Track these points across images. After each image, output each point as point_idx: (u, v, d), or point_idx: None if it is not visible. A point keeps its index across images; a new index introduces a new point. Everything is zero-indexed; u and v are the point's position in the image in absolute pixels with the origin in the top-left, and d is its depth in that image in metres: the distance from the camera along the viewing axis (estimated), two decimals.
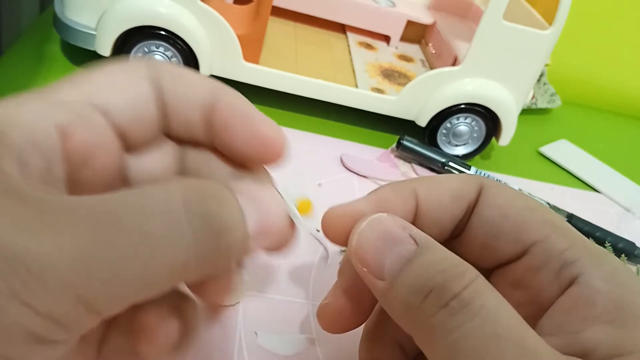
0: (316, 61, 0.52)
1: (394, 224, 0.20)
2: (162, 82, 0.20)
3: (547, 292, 0.20)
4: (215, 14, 0.44)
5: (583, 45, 0.74)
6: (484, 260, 0.22)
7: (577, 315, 0.19)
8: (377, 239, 0.19)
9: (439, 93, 0.49)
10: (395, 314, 0.19)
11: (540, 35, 0.47)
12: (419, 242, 0.19)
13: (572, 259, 0.20)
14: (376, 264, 0.19)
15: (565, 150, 0.60)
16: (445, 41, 0.56)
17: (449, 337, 0.17)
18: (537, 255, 0.21)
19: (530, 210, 0.22)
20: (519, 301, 0.21)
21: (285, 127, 0.48)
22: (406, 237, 0.19)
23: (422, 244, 0.19)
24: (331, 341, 0.31)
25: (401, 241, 0.19)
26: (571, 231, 0.21)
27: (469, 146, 0.51)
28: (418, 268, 0.18)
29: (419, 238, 0.19)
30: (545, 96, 0.67)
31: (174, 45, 0.44)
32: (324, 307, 0.24)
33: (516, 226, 0.21)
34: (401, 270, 0.18)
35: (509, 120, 0.50)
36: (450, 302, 0.17)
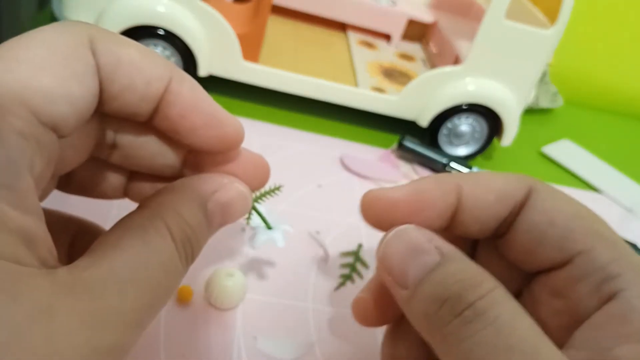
0: (316, 60, 0.52)
1: (420, 235, 0.20)
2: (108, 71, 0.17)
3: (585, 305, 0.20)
4: (214, 13, 0.44)
5: (585, 45, 0.74)
6: (526, 263, 0.22)
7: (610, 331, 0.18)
8: (403, 249, 0.20)
9: (440, 93, 0.48)
10: (415, 322, 0.19)
11: (543, 34, 0.47)
12: (444, 253, 0.19)
13: (614, 273, 0.19)
14: (400, 273, 0.19)
15: (567, 150, 0.60)
16: (447, 40, 0.55)
17: (461, 345, 0.17)
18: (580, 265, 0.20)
19: (579, 218, 0.21)
20: (556, 310, 0.20)
21: (285, 126, 0.48)
22: (431, 249, 0.19)
23: (446, 254, 0.19)
24: (331, 345, 0.30)
25: (426, 252, 0.19)
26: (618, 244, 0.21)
27: (471, 146, 0.51)
28: (438, 278, 0.19)
29: (444, 249, 0.19)
30: (547, 96, 0.67)
31: (172, 45, 0.44)
32: (358, 301, 0.24)
33: (562, 234, 0.21)
34: (423, 279, 0.19)
35: (510, 120, 0.49)
36: (465, 311, 0.17)
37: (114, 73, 0.17)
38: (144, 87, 0.18)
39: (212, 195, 0.20)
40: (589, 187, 0.55)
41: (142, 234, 0.17)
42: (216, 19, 0.44)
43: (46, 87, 0.16)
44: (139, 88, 0.18)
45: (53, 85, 0.16)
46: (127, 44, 0.18)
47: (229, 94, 0.50)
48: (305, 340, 0.30)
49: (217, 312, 0.30)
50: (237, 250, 0.34)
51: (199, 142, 0.20)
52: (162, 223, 0.18)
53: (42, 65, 0.16)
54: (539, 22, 0.48)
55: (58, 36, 0.17)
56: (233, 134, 0.20)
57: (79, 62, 0.16)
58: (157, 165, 0.21)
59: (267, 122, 0.48)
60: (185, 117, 0.19)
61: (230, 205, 0.20)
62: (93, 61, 0.17)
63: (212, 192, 0.20)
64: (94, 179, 0.22)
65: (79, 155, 0.20)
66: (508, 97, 0.49)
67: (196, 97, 0.19)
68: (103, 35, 0.18)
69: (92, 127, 0.20)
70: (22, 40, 0.16)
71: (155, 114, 0.19)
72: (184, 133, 0.20)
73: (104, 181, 0.22)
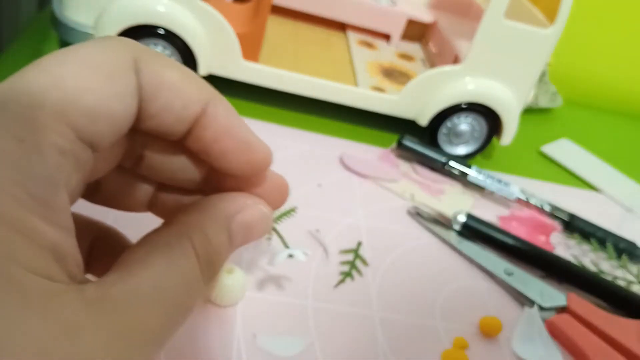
0: (316, 60, 0.52)
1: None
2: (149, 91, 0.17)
3: None
4: (214, 13, 0.44)
5: (585, 44, 0.74)
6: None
7: None
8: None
9: (439, 92, 0.48)
10: None
11: (542, 34, 0.47)
12: None
13: None
14: None
15: (566, 150, 0.60)
16: (446, 40, 0.55)
17: None
18: None
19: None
20: None
21: (285, 126, 0.48)
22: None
23: None
24: (331, 342, 0.30)
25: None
26: None
27: (470, 146, 0.51)
28: None
29: None
30: (546, 95, 0.67)
31: (172, 44, 0.44)
32: None
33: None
34: None
35: (510, 120, 0.49)
36: None
37: (154, 94, 0.17)
38: (181, 109, 0.18)
39: (235, 216, 0.20)
40: (588, 186, 0.55)
41: (168, 253, 0.17)
42: (216, 19, 0.44)
43: (88, 105, 0.16)
44: (176, 110, 0.18)
45: (95, 103, 0.16)
46: (170, 66, 0.18)
47: (228, 93, 0.50)
48: (304, 337, 0.30)
49: (217, 309, 0.30)
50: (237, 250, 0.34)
51: (227, 165, 0.20)
52: (189, 242, 0.18)
53: (86, 84, 0.16)
54: (538, 22, 0.48)
55: (103, 54, 0.17)
56: (262, 160, 0.20)
57: (121, 82, 0.17)
58: (180, 179, 0.21)
59: (267, 121, 0.48)
60: (218, 141, 0.19)
61: (252, 227, 0.20)
62: (135, 82, 0.17)
63: (236, 212, 0.20)
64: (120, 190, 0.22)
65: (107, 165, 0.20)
66: (507, 96, 0.49)
67: (230, 122, 0.19)
68: (147, 55, 0.18)
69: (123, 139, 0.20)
70: (68, 56, 0.16)
71: (188, 134, 0.19)
72: (214, 156, 0.20)
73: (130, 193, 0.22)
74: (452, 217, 0.42)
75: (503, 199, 0.47)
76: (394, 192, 0.44)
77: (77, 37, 0.44)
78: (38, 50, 0.48)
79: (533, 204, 0.47)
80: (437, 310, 0.35)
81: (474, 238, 0.42)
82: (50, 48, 0.49)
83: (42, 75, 0.16)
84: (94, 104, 0.16)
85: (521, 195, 0.47)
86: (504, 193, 0.47)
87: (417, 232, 0.41)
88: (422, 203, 0.44)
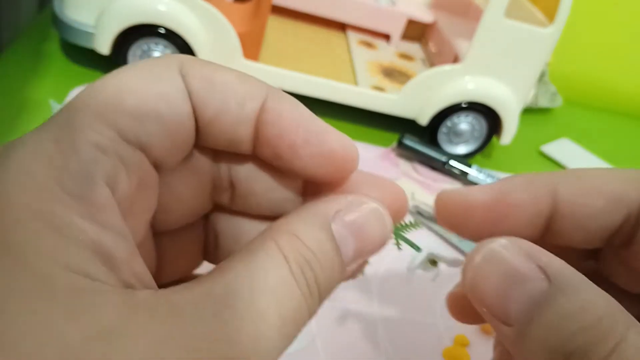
0: (316, 59, 0.52)
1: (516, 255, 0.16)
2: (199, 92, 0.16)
3: None
4: (215, 12, 0.44)
5: (584, 44, 0.74)
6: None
7: None
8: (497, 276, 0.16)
9: (439, 91, 0.48)
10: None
11: (542, 33, 0.47)
12: (552, 277, 0.16)
13: None
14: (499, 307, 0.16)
15: (566, 149, 0.60)
16: (446, 39, 0.55)
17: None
18: None
19: None
20: None
21: None
22: (533, 271, 0.16)
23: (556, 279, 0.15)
24: (332, 337, 0.30)
25: (528, 277, 0.16)
26: None
27: (470, 145, 0.51)
28: (552, 319, 0.15)
29: (551, 270, 0.16)
30: (546, 95, 0.67)
31: (173, 43, 0.44)
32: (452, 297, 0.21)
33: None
34: (531, 317, 0.15)
35: (510, 119, 0.49)
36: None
37: (206, 97, 0.16)
38: (238, 108, 0.16)
39: (335, 215, 0.16)
40: None
41: (249, 257, 0.14)
42: (217, 18, 0.44)
43: (130, 105, 0.15)
44: (233, 109, 0.16)
45: (137, 103, 0.15)
46: (219, 68, 0.17)
47: None
48: (306, 332, 0.30)
49: None
50: None
51: (301, 165, 0.17)
52: (273, 244, 0.15)
53: (125, 86, 0.15)
54: (538, 21, 0.48)
55: (145, 63, 0.16)
56: (339, 151, 0.17)
57: (166, 83, 0.16)
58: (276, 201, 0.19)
59: None
60: (284, 136, 0.16)
61: (362, 226, 0.16)
62: (182, 84, 0.16)
63: (335, 211, 0.16)
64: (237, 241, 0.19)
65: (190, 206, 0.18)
66: (507, 95, 0.49)
67: (295, 113, 0.17)
68: (194, 61, 0.17)
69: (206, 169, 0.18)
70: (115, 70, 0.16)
71: (257, 140, 0.17)
72: (284, 156, 0.17)
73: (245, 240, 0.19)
74: None
75: None
76: None
77: (77, 37, 0.44)
78: (38, 50, 0.48)
79: None
80: (437, 307, 0.35)
81: None
82: (50, 48, 0.49)
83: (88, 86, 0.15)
84: (136, 103, 0.15)
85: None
86: None
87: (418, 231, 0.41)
88: (423, 202, 0.44)
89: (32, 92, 0.43)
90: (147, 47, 0.44)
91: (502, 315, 0.16)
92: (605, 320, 0.15)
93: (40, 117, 0.40)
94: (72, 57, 0.48)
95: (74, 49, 0.47)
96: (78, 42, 0.44)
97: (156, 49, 0.44)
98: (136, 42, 0.44)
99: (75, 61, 0.48)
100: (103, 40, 0.43)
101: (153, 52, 0.44)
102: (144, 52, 0.44)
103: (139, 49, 0.44)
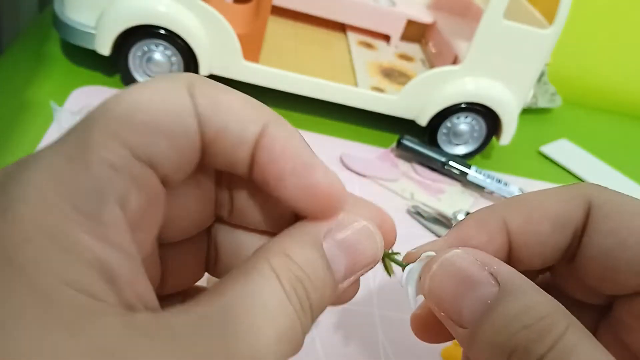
0: (316, 60, 0.52)
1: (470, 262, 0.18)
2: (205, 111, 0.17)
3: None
4: (215, 13, 0.44)
5: (584, 45, 0.74)
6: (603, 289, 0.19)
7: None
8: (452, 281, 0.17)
9: (439, 92, 0.49)
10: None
11: (541, 34, 0.47)
12: (501, 282, 0.17)
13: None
14: (454, 310, 0.17)
15: (565, 150, 0.60)
16: (446, 40, 0.56)
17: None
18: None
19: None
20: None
21: None
22: (485, 277, 0.17)
23: (505, 284, 0.17)
24: (331, 338, 0.30)
25: (479, 282, 0.17)
26: None
27: (470, 145, 0.51)
28: (499, 319, 0.16)
29: (501, 276, 0.17)
30: (545, 96, 0.67)
31: (173, 44, 0.44)
32: (415, 318, 0.22)
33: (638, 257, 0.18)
34: (481, 318, 0.17)
35: (509, 120, 0.50)
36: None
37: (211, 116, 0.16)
38: (240, 130, 0.17)
39: (327, 234, 0.17)
40: None
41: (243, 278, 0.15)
42: (217, 19, 0.44)
43: (140, 121, 0.15)
44: (235, 131, 0.17)
45: (147, 119, 0.15)
46: (226, 90, 0.17)
47: None
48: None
49: None
50: None
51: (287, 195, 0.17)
52: (267, 264, 0.15)
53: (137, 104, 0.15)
54: (537, 22, 0.48)
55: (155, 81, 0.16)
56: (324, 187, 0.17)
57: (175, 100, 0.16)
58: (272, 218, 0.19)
59: None
60: (274, 162, 0.17)
61: (353, 243, 0.17)
62: (190, 102, 0.16)
63: (326, 229, 0.17)
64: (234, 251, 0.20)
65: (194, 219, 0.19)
66: (507, 96, 0.49)
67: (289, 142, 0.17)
68: (202, 81, 0.17)
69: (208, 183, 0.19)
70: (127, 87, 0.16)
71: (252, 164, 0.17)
72: (272, 182, 0.17)
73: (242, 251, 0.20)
74: (452, 216, 0.42)
75: (502, 199, 0.48)
76: (393, 192, 0.45)
77: (78, 38, 0.44)
78: (39, 51, 0.48)
79: None
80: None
81: None
82: (51, 49, 0.49)
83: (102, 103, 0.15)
84: (148, 120, 0.15)
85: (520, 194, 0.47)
86: (503, 192, 0.47)
87: (417, 231, 0.41)
88: (422, 202, 0.44)
89: (32, 93, 0.43)
90: (147, 48, 0.44)
91: (457, 318, 0.17)
92: (546, 319, 0.16)
93: (41, 117, 0.40)
94: (73, 58, 0.48)
95: (75, 50, 0.47)
96: (79, 43, 0.44)
97: (157, 50, 0.44)
98: (137, 43, 0.44)
99: (76, 62, 0.48)
100: (103, 41, 0.43)
101: (153, 53, 0.44)
102: (144, 53, 0.45)
103: (139, 50, 0.44)
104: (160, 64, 0.45)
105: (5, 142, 0.38)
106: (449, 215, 0.42)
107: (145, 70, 0.45)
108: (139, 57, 0.45)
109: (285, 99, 0.50)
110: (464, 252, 0.18)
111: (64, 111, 0.39)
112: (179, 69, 0.45)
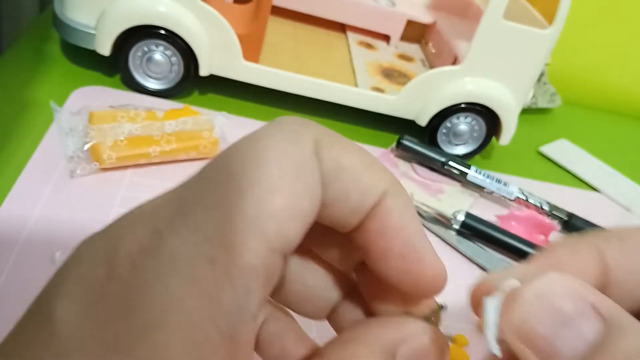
0: (316, 60, 0.52)
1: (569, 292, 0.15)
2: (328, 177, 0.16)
3: None
4: (215, 13, 0.44)
5: (583, 45, 0.74)
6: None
7: None
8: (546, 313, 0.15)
9: (439, 92, 0.49)
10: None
11: (541, 34, 0.47)
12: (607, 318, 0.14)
13: None
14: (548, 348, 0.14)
15: (565, 150, 0.60)
16: (446, 40, 0.56)
17: None
18: None
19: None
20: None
21: None
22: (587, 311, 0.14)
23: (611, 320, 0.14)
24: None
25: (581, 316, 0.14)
26: None
27: (469, 145, 0.51)
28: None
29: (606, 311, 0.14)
30: (545, 96, 0.67)
31: (173, 45, 0.44)
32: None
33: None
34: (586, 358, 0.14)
35: (509, 120, 0.50)
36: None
37: (332, 181, 0.16)
38: (359, 197, 0.16)
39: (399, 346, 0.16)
40: (587, 186, 0.56)
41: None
42: (217, 19, 0.44)
43: (279, 207, 0.14)
44: (353, 198, 0.16)
45: (286, 204, 0.15)
46: (351, 150, 0.17)
47: (229, 93, 0.50)
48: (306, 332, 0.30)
49: None
50: None
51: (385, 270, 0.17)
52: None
53: (276, 185, 0.15)
54: (537, 22, 0.48)
55: (288, 147, 0.15)
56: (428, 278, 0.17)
57: (308, 175, 0.15)
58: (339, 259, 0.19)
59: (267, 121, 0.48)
60: (382, 237, 0.16)
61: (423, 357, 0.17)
62: (319, 171, 0.16)
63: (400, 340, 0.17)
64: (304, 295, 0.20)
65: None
66: (506, 96, 0.49)
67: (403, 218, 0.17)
68: (327, 138, 0.16)
69: None
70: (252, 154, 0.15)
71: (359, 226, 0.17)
72: (374, 256, 0.17)
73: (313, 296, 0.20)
74: (452, 217, 0.42)
75: (502, 199, 0.48)
76: None
77: (78, 38, 0.44)
78: (39, 51, 0.48)
79: (532, 204, 0.47)
80: None
81: (473, 237, 0.42)
82: (51, 49, 0.49)
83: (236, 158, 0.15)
84: (284, 204, 0.14)
85: (520, 194, 0.47)
86: (503, 192, 0.47)
87: None
88: (422, 202, 0.44)
89: (32, 94, 0.43)
90: (147, 48, 0.44)
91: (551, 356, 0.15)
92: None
93: (41, 118, 0.40)
94: (73, 59, 0.48)
95: (75, 50, 0.47)
96: (79, 44, 0.44)
97: (156, 50, 0.44)
98: (137, 43, 0.44)
99: (76, 62, 0.48)
100: (104, 41, 0.43)
101: (153, 53, 0.44)
102: (144, 53, 0.45)
103: (139, 50, 0.44)
104: (160, 64, 0.45)
105: (5, 142, 0.38)
106: (449, 215, 0.42)
107: (145, 71, 0.45)
108: (139, 58, 0.45)
109: (285, 99, 0.50)
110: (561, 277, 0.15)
111: (64, 111, 0.39)
112: (179, 69, 0.45)
